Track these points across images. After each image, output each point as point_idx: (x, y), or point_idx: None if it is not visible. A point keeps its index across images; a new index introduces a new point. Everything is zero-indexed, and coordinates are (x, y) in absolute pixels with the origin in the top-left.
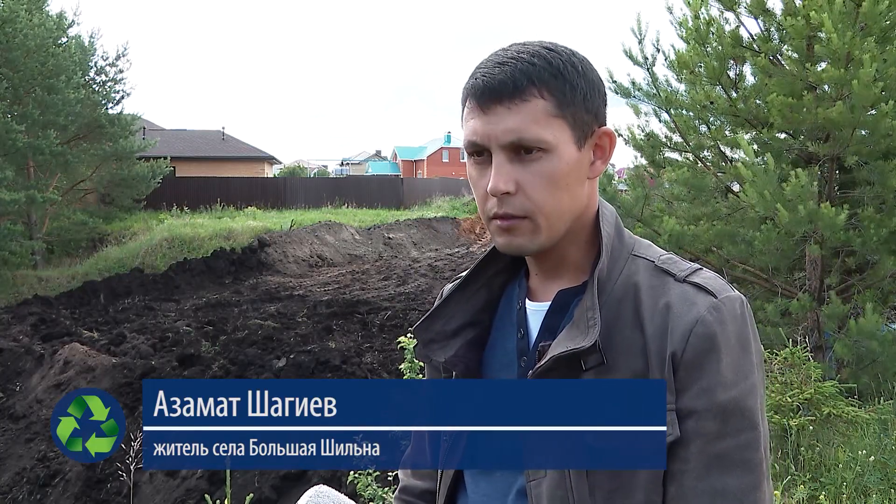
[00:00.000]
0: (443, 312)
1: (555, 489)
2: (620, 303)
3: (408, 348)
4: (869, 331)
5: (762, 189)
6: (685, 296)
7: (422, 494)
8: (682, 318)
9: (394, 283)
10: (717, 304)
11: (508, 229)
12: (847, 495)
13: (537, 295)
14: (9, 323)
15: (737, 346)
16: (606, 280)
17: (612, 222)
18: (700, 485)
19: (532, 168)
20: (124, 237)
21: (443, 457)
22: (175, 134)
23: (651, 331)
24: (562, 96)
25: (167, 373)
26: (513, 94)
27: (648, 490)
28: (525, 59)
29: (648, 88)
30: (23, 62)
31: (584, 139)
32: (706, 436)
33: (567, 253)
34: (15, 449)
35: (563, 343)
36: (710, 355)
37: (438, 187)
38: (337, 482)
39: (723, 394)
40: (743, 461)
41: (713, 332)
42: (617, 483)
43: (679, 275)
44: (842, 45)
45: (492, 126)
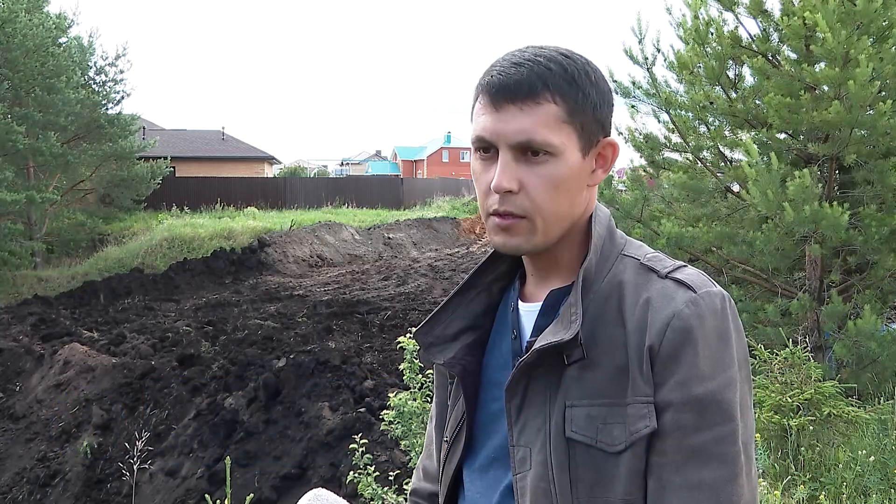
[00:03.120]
0: (442, 317)
1: (538, 482)
2: (606, 300)
3: (407, 348)
4: (867, 331)
5: (765, 188)
6: (665, 291)
7: (430, 496)
8: (661, 312)
9: (394, 283)
10: (696, 298)
11: (506, 228)
12: (847, 495)
13: (530, 296)
14: (9, 323)
15: (715, 339)
16: (595, 279)
17: (604, 224)
18: (677, 478)
19: (537, 170)
20: (124, 237)
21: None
22: (175, 134)
23: (631, 326)
24: (574, 104)
25: (167, 373)
26: (526, 96)
27: (628, 483)
28: (542, 63)
29: (648, 88)
30: (22, 62)
31: (590, 147)
32: (683, 429)
33: (560, 255)
34: (15, 449)
35: (546, 337)
36: (686, 348)
37: (438, 187)
38: (337, 482)
39: (699, 387)
40: (719, 454)
41: (690, 326)
42: (598, 476)
43: (662, 271)
44: (838, 44)
45: (502, 124)
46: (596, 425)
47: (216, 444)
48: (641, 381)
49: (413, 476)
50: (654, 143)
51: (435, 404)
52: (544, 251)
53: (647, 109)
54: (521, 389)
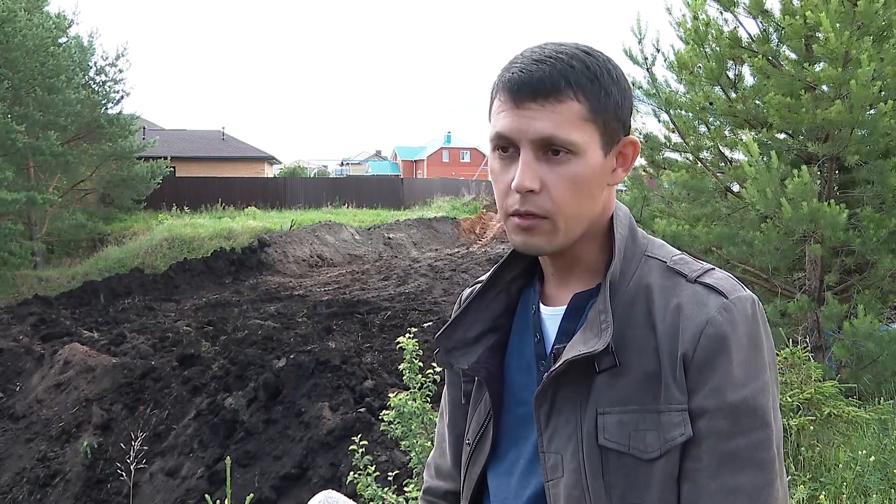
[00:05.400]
0: (463, 321)
1: (571, 489)
2: (633, 304)
3: (407, 348)
4: (865, 332)
5: (764, 187)
6: (696, 296)
7: (444, 495)
8: (693, 318)
9: (394, 283)
10: (728, 304)
11: (527, 228)
12: (847, 495)
13: (551, 299)
14: (9, 323)
15: (748, 345)
16: (619, 282)
17: (625, 224)
18: (713, 483)
19: (558, 169)
20: (124, 237)
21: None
22: (175, 134)
23: (662, 331)
24: (596, 102)
25: (167, 373)
26: (549, 93)
27: (662, 489)
28: (564, 60)
29: (648, 88)
30: (22, 62)
31: (611, 146)
32: (718, 434)
33: (581, 255)
34: (15, 449)
35: (576, 346)
36: (720, 355)
37: (438, 187)
38: (337, 482)
39: (734, 393)
40: (755, 460)
41: (724, 333)
42: (631, 482)
43: (690, 275)
44: (839, 44)
45: (524, 122)
46: (628, 432)
47: (216, 444)
48: (675, 388)
49: (425, 474)
50: (654, 142)
51: (447, 402)
52: (564, 251)
53: (647, 109)
54: (549, 396)
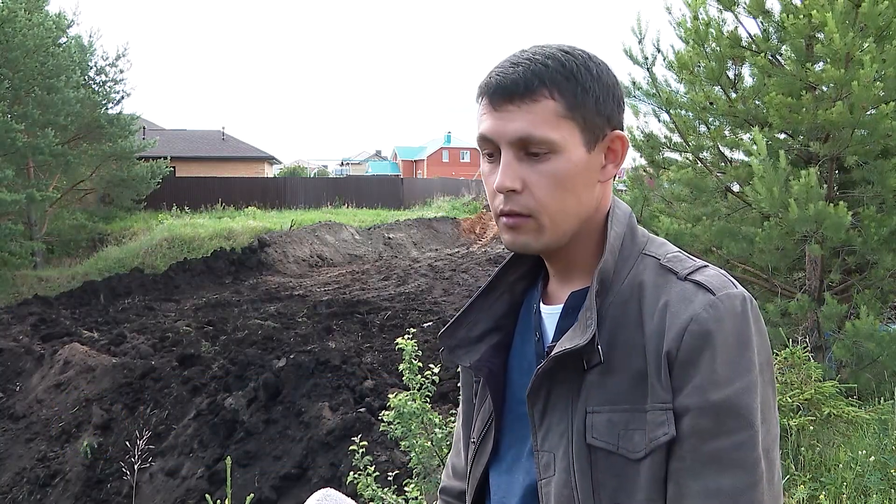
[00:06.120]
0: (466, 319)
1: (562, 487)
2: (627, 303)
3: (406, 349)
4: (865, 332)
5: (771, 186)
6: (684, 294)
7: (459, 495)
8: (678, 316)
9: (394, 283)
10: (715, 301)
11: (513, 227)
12: (847, 495)
13: (552, 298)
14: (9, 323)
15: (734, 343)
16: (614, 280)
17: (623, 222)
18: (695, 484)
19: (539, 168)
20: (124, 237)
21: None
22: (175, 134)
23: (650, 330)
24: (573, 98)
25: (167, 373)
26: (524, 94)
27: (650, 489)
28: (539, 61)
29: (648, 88)
30: (22, 62)
31: (595, 142)
32: (700, 434)
33: (577, 254)
34: (15, 449)
35: (563, 343)
36: (703, 353)
37: (438, 187)
38: (337, 482)
39: (716, 392)
40: (738, 461)
41: (708, 330)
42: (620, 482)
43: (681, 273)
44: (843, 45)
45: (502, 124)
46: (617, 431)
47: (216, 444)
48: (660, 387)
49: (443, 474)
50: (654, 142)
51: (462, 401)
52: (558, 250)
53: (648, 109)
54: (543, 395)
